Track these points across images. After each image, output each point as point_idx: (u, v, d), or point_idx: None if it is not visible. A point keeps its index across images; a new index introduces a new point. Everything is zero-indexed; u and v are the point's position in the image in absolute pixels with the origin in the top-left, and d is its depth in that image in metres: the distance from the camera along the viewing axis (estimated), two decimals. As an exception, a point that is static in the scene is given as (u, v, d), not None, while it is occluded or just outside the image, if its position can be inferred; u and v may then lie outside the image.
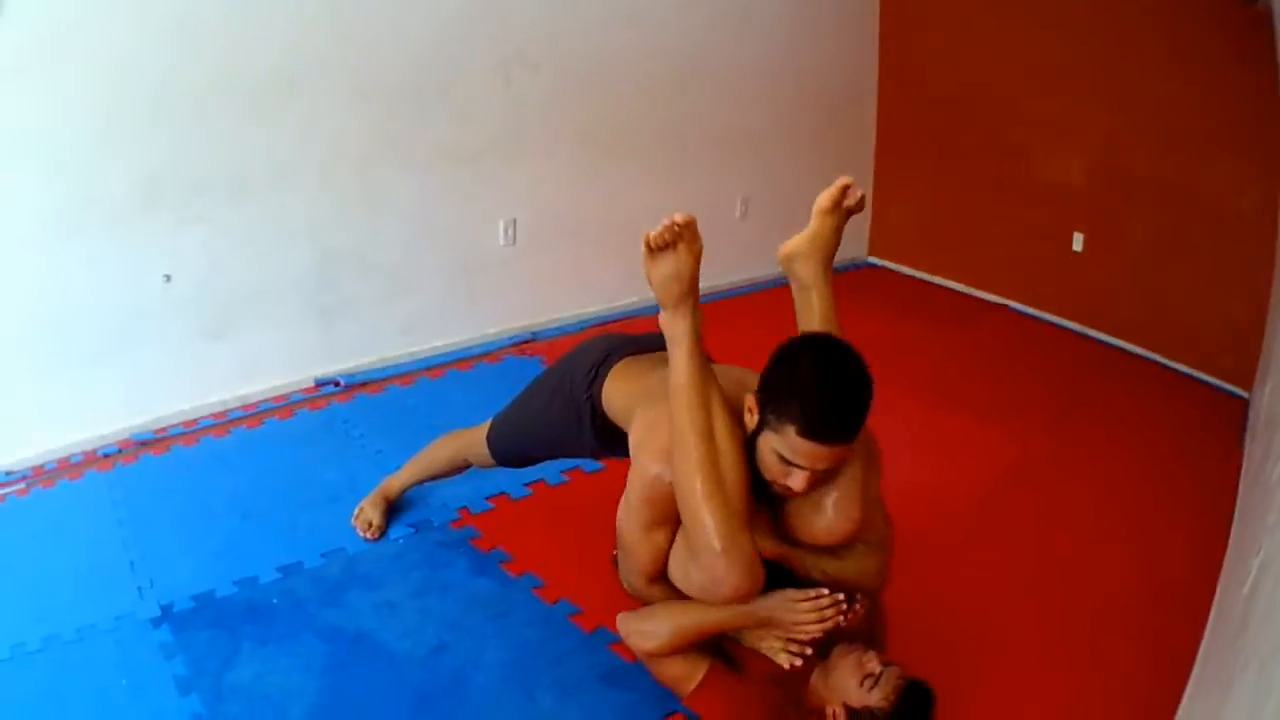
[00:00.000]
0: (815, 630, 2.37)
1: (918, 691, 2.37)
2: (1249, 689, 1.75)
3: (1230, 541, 3.41)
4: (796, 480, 2.18)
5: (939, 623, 3.03)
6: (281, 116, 4.12)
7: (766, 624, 2.41)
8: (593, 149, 5.29)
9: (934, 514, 3.67)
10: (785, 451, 2.15)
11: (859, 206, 2.68)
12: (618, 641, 2.82)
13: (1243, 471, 3.85)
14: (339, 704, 2.59)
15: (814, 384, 2.12)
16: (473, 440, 3.16)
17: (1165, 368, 5.29)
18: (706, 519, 2.19)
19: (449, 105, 4.63)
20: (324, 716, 2.54)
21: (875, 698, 2.35)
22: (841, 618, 2.38)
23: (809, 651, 2.40)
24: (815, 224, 2.67)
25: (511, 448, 3.05)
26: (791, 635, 2.39)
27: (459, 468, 3.31)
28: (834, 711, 2.42)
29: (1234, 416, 4.55)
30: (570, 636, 2.92)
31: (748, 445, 2.28)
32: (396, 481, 3.45)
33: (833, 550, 2.40)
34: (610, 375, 2.69)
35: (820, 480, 2.24)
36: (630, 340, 2.85)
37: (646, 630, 2.51)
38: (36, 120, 3.54)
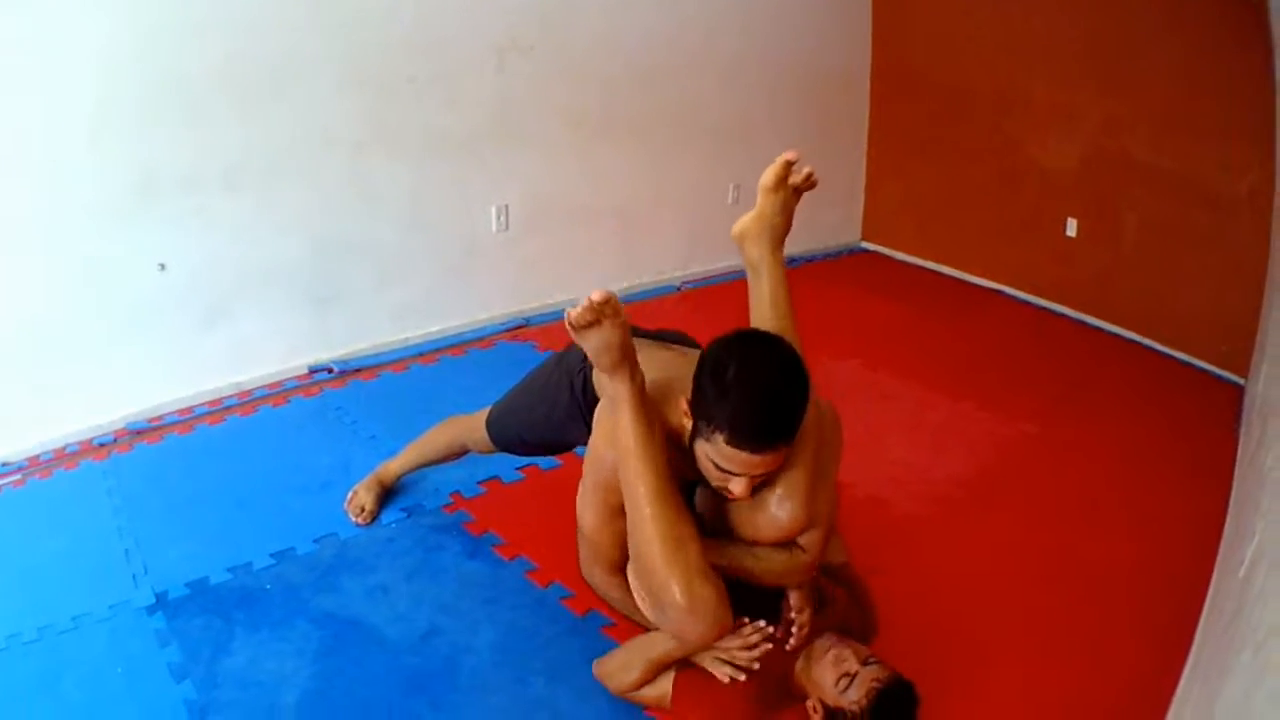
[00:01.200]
0: (745, 659, 2.38)
1: (895, 695, 2.35)
2: (1244, 673, 1.76)
3: (1225, 528, 3.42)
4: (737, 485, 2.15)
5: (931, 608, 3.05)
6: (275, 105, 4.13)
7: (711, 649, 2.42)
8: (585, 134, 5.29)
9: (927, 498, 3.72)
10: (719, 460, 2.12)
11: (808, 184, 2.65)
12: (610, 625, 2.87)
13: (1238, 458, 3.86)
14: (332, 689, 2.61)
15: (739, 391, 2.06)
16: (472, 425, 3.17)
17: (1160, 354, 5.30)
18: (672, 583, 2.19)
19: (441, 91, 4.64)
20: (317, 702, 2.56)
21: (849, 699, 2.35)
22: (770, 644, 2.39)
23: (753, 668, 2.40)
24: (761, 202, 2.65)
25: (510, 432, 3.04)
26: (730, 660, 2.41)
27: (456, 453, 3.32)
28: (814, 705, 2.44)
29: (1229, 403, 4.56)
30: (562, 620, 2.94)
31: (687, 448, 2.24)
32: (393, 467, 3.46)
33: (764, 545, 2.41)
34: None
35: (763, 481, 2.22)
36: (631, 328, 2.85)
37: (615, 670, 2.56)
38: (33, 113, 3.55)
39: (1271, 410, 3.10)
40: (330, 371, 4.50)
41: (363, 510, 3.37)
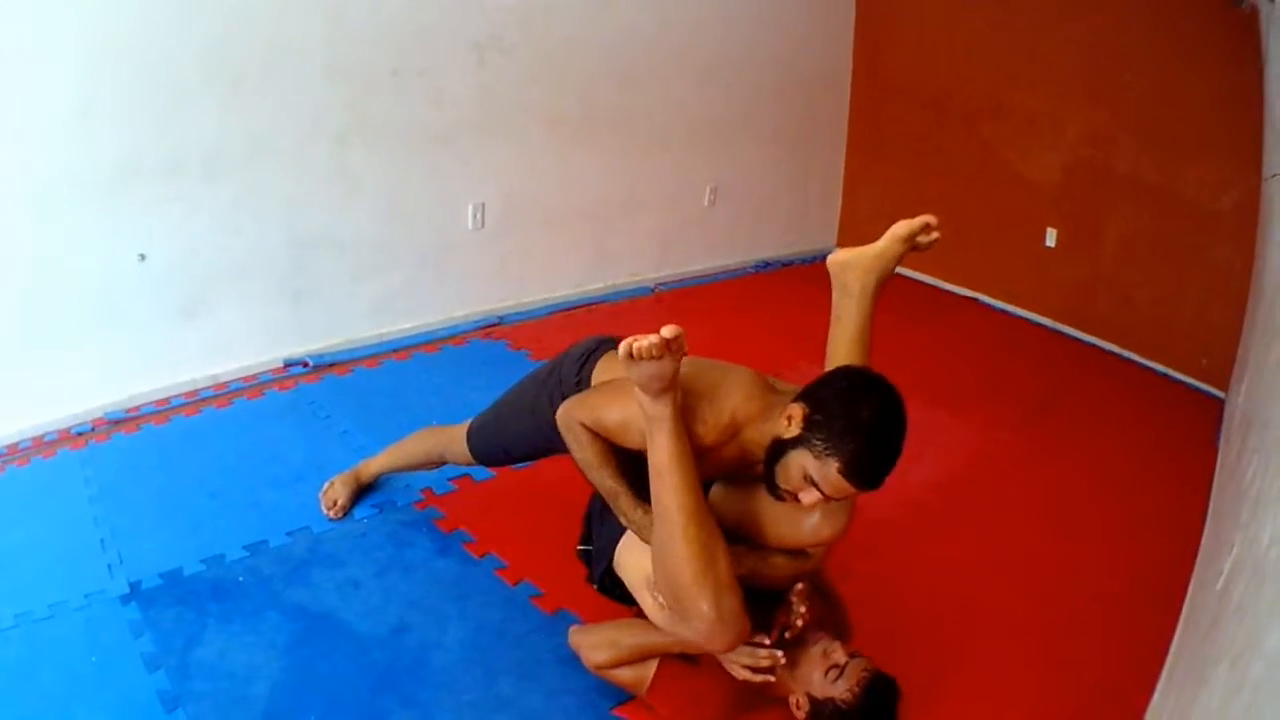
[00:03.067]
0: (744, 675, 2.44)
1: (882, 686, 2.40)
2: (1221, 686, 1.77)
3: (1203, 539, 3.45)
4: (809, 497, 2.25)
5: (902, 615, 3.09)
6: (258, 96, 4.15)
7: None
8: (563, 134, 5.33)
9: (900, 504, 3.72)
10: (817, 478, 2.21)
11: (928, 246, 2.83)
12: (578, 624, 2.90)
13: (1217, 470, 3.90)
14: (302, 682, 2.64)
15: (873, 434, 2.20)
16: (452, 437, 3.19)
17: (1138, 365, 5.35)
18: (702, 598, 2.25)
19: (423, 86, 4.67)
20: (287, 695, 2.59)
21: (839, 690, 2.39)
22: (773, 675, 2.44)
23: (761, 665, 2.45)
24: (885, 244, 2.77)
25: (494, 445, 3.05)
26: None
27: (435, 463, 3.34)
28: (797, 701, 2.48)
29: (1208, 416, 4.60)
30: (531, 618, 2.98)
31: (772, 449, 2.30)
32: (372, 466, 3.50)
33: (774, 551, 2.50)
34: (601, 360, 2.72)
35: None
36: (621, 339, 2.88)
37: (596, 645, 2.60)
38: (14, 98, 3.55)
39: (1252, 423, 3.11)
40: (305, 365, 4.54)
41: (335, 504, 3.40)
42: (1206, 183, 4.96)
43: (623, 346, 2.17)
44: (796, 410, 2.26)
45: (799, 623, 2.47)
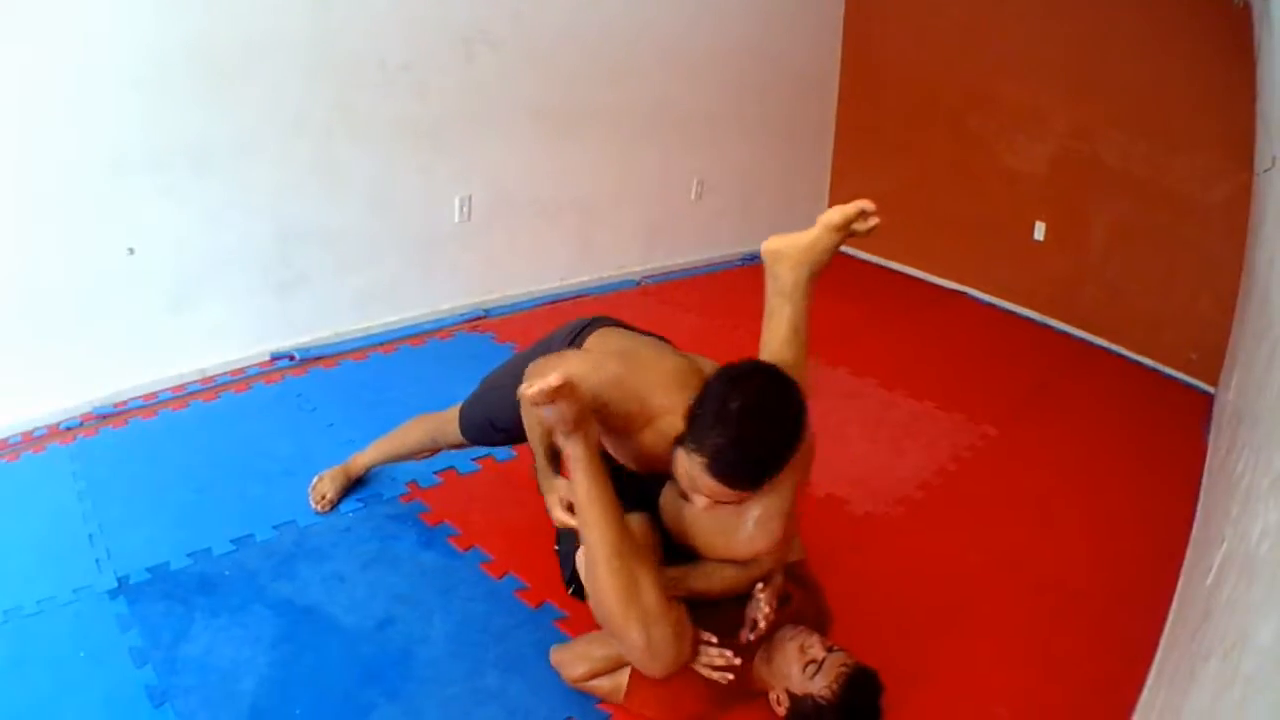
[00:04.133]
0: (710, 675, 2.47)
1: (862, 680, 2.39)
2: (1211, 680, 1.80)
3: (1192, 534, 3.48)
4: (698, 501, 2.23)
5: (887, 609, 3.11)
6: (246, 88, 4.15)
7: None
8: (550, 127, 5.35)
9: (886, 498, 3.78)
10: (694, 476, 2.15)
11: (866, 232, 2.63)
12: (563, 618, 2.94)
13: (1207, 464, 3.94)
14: (289, 676, 2.66)
15: (735, 428, 2.09)
16: (444, 419, 3.20)
17: (1127, 359, 5.39)
18: (630, 629, 2.30)
19: (410, 79, 4.68)
20: (274, 689, 2.61)
21: (818, 685, 2.38)
22: (731, 673, 2.46)
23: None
24: (817, 233, 2.63)
25: (480, 417, 3.04)
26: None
27: (428, 449, 3.35)
28: (778, 697, 2.49)
29: (1196, 410, 4.65)
30: (516, 612, 3.00)
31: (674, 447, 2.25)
32: (362, 459, 3.51)
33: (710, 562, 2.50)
34: (593, 335, 2.71)
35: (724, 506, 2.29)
36: (613, 319, 2.87)
37: (571, 660, 2.64)
38: (2, 92, 3.55)
39: (1242, 418, 3.14)
40: (292, 359, 4.55)
41: (324, 498, 3.42)
42: (1196, 176, 4.98)
43: (521, 390, 2.15)
44: (685, 408, 2.23)
45: (763, 623, 2.48)
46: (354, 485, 3.55)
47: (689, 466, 2.15)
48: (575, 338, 2.74)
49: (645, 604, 2.29)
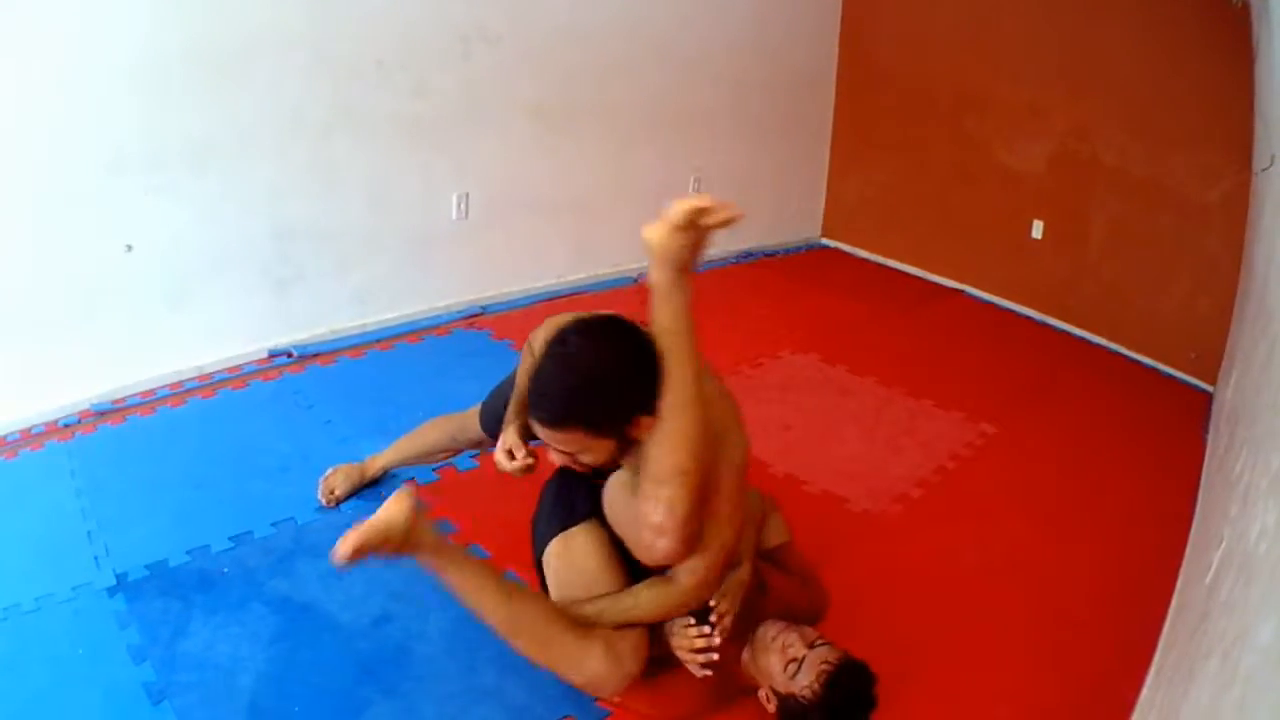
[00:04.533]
0: (701, 673, 2.43)
1: (846, 677, 2.33)
2: (1210, 679, 1.79)
3: (1191, 533, 3.48)
4: (552, 455, 2.29)
5: (885, 608, 3.11)
6: (244, 85, 4.16)
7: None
8: (547, 124, 5.35)
9: (884, 495, 3.78)
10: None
11: (724, 224, 2.08)
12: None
13: (1205, 463, 3.95)
14: (286, 673, 2.67)
15: (541, 363, 2.21)
16: (465, 417, 3.21)
17: (1125, 358, 5.39)
18: (568, 675, 2.40)
19: (408, 77, 4.70)
20: (272, 686, 2.62)
21: (800, 684, 2.34)
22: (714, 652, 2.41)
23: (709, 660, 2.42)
24: (664, 233, 2.11)
25: (499, 407, 2.97)
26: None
27: (448, 449, 3.36)
28: (766, 696, 2.46)
29: (1194, 409, 4.65)
30: (513, 609, 3.00)
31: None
32: (379, 461, 3.51)
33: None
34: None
35: (577, 460, 2.29)
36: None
37: None
38: (1, 89, 3.55)
39: (1241, 417, 3.14)
40: (290, 356, 4.56)
41: (332, 493, 3.43)
42: (1195, 175, 4.98)
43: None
44: None
45: (716, 639, 2.41)
46: (367, 486, 3.54)
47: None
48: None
49: (567, 645, 2.37)
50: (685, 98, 6.03)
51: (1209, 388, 4.87)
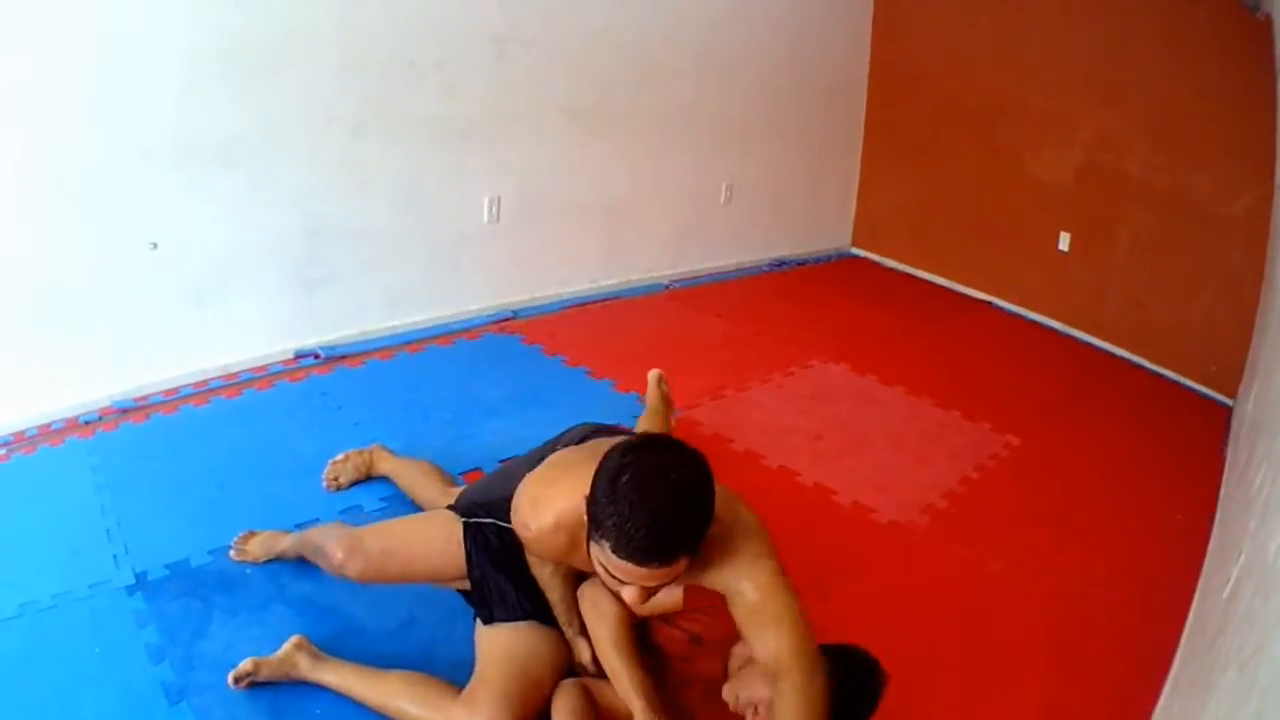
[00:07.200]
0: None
1: (854, 664, 2.22)
2: (1228, 691, 1.78)
3: (1210, 546, 3.48)
4: (628, 593, 2.06)
5: (910, 616, 3.10)
6: (274, 85, 4.13)
7: None
8: (580, 128, 5.32)
9: (911, 506, 3.77)
10: (608, 565, 2.00)
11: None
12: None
13: (1225, 477, 3.94)
14: (309, 676, 2.61)
15: (628, 503, 1.92)
16: (436, 496, 3.12)
17: (1148, 371, 5.41)
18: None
19: (441, 78, 4.66)
20: (293, 687, 2.56)
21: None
22: None
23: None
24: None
25: (472, 495, 2.80)
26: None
27: (420, 502, 3.23)
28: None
29: (1215, 422, 4.65)
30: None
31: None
32: (385, 465, 3.48)
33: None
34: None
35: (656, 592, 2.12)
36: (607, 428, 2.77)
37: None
38: (29, 84, 3.52)
39: (1261, 431, 3.14)
40: (317, 357, 4.51)
41: (336, 480, 3.44)
42: (1218, 188, 4.99)
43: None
44: (584, 501, 2.06)
45: None
46: (367, 480, 3.52)
47: (601, 556, 2.01)
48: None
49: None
50: (718, 104, 5.99)
51: (1229, 401, 4.87)
